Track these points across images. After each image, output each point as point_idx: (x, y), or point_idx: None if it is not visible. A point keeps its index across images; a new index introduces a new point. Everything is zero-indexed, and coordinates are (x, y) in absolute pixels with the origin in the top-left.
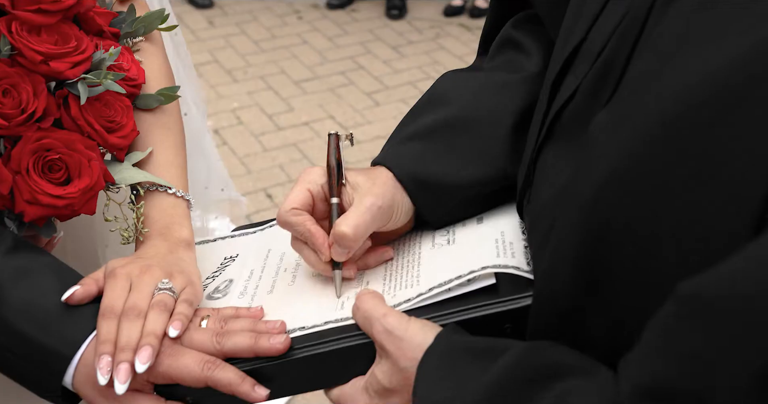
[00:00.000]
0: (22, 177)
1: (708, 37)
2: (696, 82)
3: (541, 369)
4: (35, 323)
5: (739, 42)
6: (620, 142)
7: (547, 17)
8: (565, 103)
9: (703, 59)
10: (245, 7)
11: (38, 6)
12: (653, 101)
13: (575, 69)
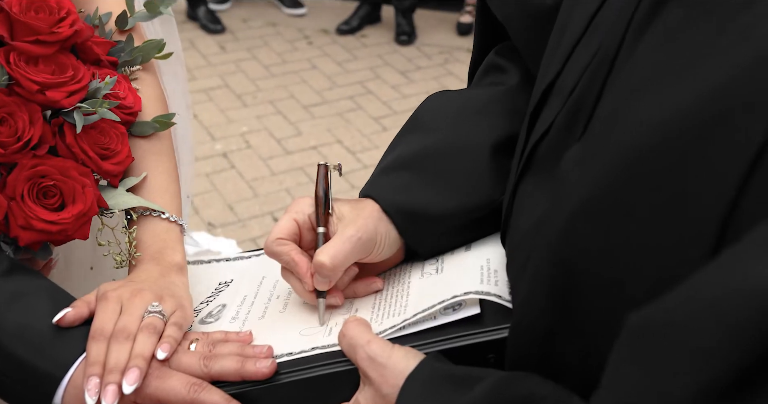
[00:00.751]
0: (17, 203)
1: (674, 72)
2: (662, 118)
3: (516, 399)
4: (28, 345)
5: (704, 78)
6: (590, 176)
7: (524, 50)
8: (541, 137)
9: (669, 96)
10: (256, 32)
11: (36, 37)
12: (622, 137)
13: (551, 104)
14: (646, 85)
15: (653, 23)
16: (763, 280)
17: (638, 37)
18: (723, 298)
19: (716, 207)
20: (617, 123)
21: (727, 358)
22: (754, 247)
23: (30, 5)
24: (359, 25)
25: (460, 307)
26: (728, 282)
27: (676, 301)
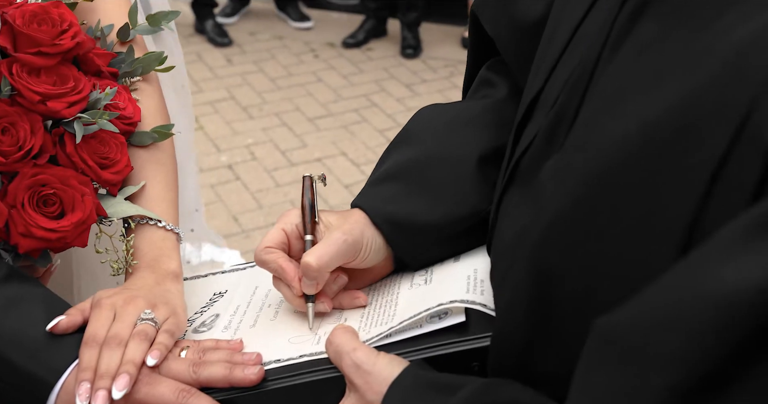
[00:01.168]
0: (18, 211)
1: (643, 85)
2: (629, 131)
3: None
4: (22, 351)
5: (670, 91)
6: (565, 188)
7: (513, 64)
8: (525, 149)
9: (636, 109)
10: (263, 45)
11: (38, 49)
12: (593, 149)
13: (536, 116)
14: (617, 97)
15: (629, 36)
16: (722, 285)
17: (615, 50)
18: (684, 303)
19: (681, 217)
20: (590, 135)
21: (690, 363)
22: (713, 252)
23: (33, 18)
24: (365, 38)
25: (445, 316)
26: (689, 286)
27: (641, 306)
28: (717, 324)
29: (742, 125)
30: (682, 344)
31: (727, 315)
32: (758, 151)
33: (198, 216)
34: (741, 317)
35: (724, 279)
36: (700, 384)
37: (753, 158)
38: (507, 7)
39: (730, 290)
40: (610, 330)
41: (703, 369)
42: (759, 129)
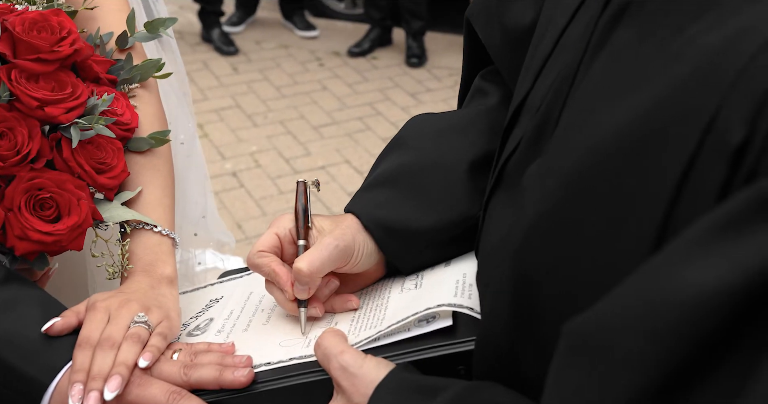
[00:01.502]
0: (14, 214)
1: (616, 92)
2: (602, 137)
3: None
4: (17, 352)
5: (640, 97)
6: (544, 192)
7: (504, 71)
8: (510, 154)
9: (609, 115)
10: (269, 54)
11: (37, 56)
12: (572, 153)
13: (521, 121)
14: (594, 103)
15: (608, 41)
16: (684, 287)
17: (594, 55)
18: (649, 305)
19: (652, 221)
20: (568, 140)
21: (654, 365)
22: (676, 253)
23: (33, 25)
24: (370, 47)
25: (433, 319)
26: (653, 288)
27: (609, 308)
28: (680, 325)
29: (708, 130)
30: (646, 346)
31: (689, 316)
32: (722, 154)
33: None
34: (702, 318)
35: (686, 281)
36: (664, 385)
37: (718, 161)
38: (498, 14)
39: (691, 292)
40: (580, 332)
41: (667, 369)
42: (723, 133)
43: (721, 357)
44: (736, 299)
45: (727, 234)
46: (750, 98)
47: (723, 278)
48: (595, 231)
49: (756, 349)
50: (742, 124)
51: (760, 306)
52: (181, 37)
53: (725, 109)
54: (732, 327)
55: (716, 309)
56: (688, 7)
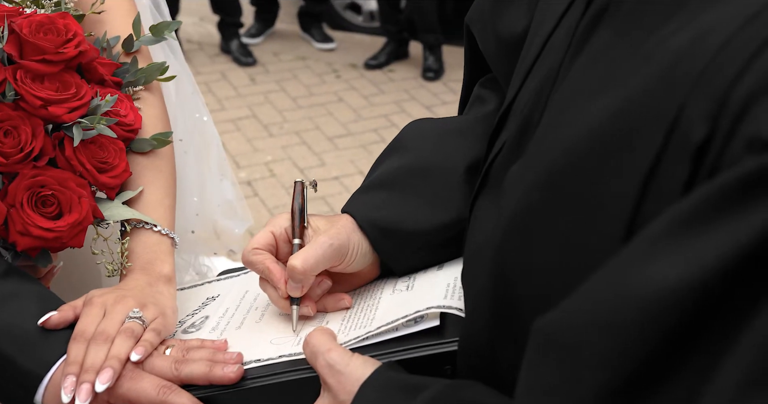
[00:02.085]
0: (17, 210)
1: (590, 93)
2: (574, 137)
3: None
4: (14, 344)
5: (611, 98)
6: (520, 193)
7: (500, 77)
8: (495, 156)
9: (582, 115)
10: (286, 65)
11: (43, 57)
12: (548, 152)
13: (508, 124)
14: (569, 104)
15: (587, 44)
16: (644, 284)
17: (573, 58)
18: (611, 302)
19: (620, 220)
20: (544, 141)
21: (617, 362)
22: (638, 250)
23: (40, 28)
24: (387, 60)
25: (422, 320)
26: (615, 285)
27: (575, 306)
28: (643, 321)
29: (672, 128)
30: (610, 343)
31: (652, 312)
32: (685, 152)
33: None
34: (664, 314)
35: (647, 278)
36: (628, 381)
37: (681, 159)
38: (492, 22)
39: (652, 288)
40: (548, 330)
41: (630, 367)
42: (686, 131)
43: (685, 352)
44: (695, 295)
45: (686, 230)
46: (710, 97)
47: (682, 274)
48: (567, 230)
49: (717, 343)
50: (703, 122)
51: (719, 300)
52: (200, 48)
53: (688, 108)
54: (694, 322)
55: (677, 304)
56: (660, 8)
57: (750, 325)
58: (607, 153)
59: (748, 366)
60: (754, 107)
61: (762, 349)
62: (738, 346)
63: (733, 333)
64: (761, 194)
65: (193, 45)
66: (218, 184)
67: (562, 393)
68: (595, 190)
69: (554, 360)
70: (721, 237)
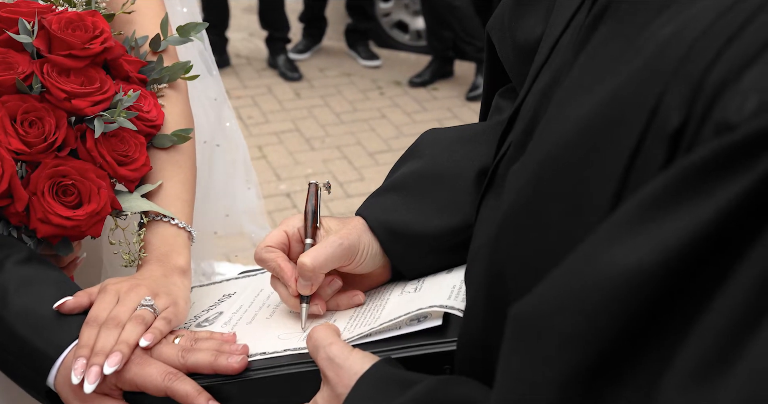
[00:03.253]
0: (38, 198)
1: (586, 87)
2: (568, 128)
3: (449, 402)
4: (30, 327)
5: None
6: (517, 188)
7: (518, 86)
8: (501, 157)
9: (578, 107)
10: (331, 81)
11: (69, 52)
12: (542, 147)
13: (516, 126)
14: (565, 101)
15: (587, 44)
16: (611, 266)
17: (576, 57)
18: (581, 285)
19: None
20: (541, 137)
21: (587, 343)
22: (606, 234)
23: (69, 24)
24: (431, 78)
25: (425, 319)
26: (585, 269)
27: (546, 291)
28: (609, 304)
29: (653, 116)
30: (577, 326)
31: (617, 295)
32: (663, 138)
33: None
34: (628, 296)
35: (613, 261)
36: (599, 362)
37: (659, 145)
38: (511, 29)
39: (616, 272)
40: (522, 315)
41: (599, 347)
42: (665, 118)
43: (649, 333)
44: (657, 277)
45: (649, 213)
46: (687, 84)
47: (644, 257)
48: (557, 223)
49: (678, 324)
50: (680, 108)
51: (681, 282)
52: (248, 62)
53: (667, 95)
54: (657, 303)
55: (640, 287)
56: (653, 5)
57: (708, 308)
58: (592, 143)
59: (705, 348)
60: (723, 94)
61: (719, 331)
62: (697, 328)
63: (693, 314)
64: (720, 176)
65: (241, 59)
66: (245, 191)
67: (533, 377)
68: (581, 181)
69: (526, 346)
70: (681, 220)
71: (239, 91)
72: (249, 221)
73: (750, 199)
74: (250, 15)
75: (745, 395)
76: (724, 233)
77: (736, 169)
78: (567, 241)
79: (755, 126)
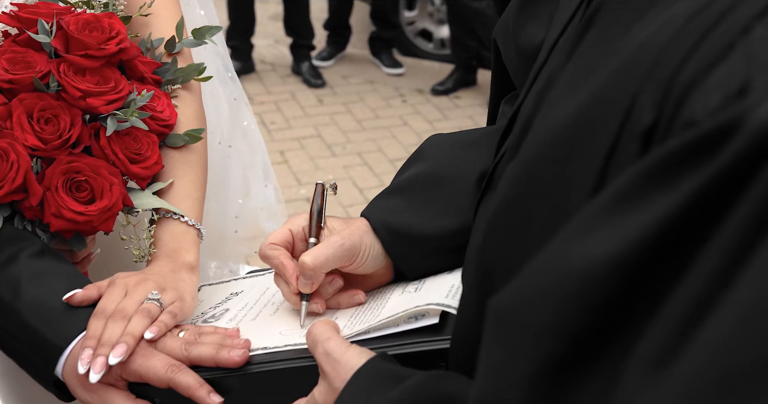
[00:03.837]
0: (52, 193)
1: (570, 89)
2: (551, 128)
3: (436, 398)
4: (41, 317)
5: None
6: (501, 191)
7: (521, 90)
8: (499, 160)
9: (562, 107)
10: (354, 88)
11: (86, 52)
12: (527, 146)
13: (513, 129)
14: (553, 102)
15: (579, 45)
16: (581, 258)
17: (569, 59)
18: (553, 277)
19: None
20: (527, 139)
21: (558, 335)
22: (577, 227)
23: (86, 25)
24: (454, 86)
25: (422, 317)
26: (557, 261)
27: (520, 283)
28: (577, 296)
29: (627, 116)
30: (549, 317)
31: (584, 287)
32: (636, 137)
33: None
34: (595, 288)
35: (581, 254)
36: (568, 353)
37: (632, 144)
38: (515, 35)
39: (585, 264)
40: (499, 308)
41: (569, 339)
42: (638, 117)
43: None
44: (621, 269)
45: (617, 207)
46: (659, 85)
47: (610, 249)
48: (541, 222)
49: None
50: (651, 108)
51: (643, 275)
52: (273, 68)
53: (640, 96)
54: (622, 296)
55: (606, 279)
56: (637, 7)
57: (669, 298)
58: (573, 143)
59: (664, 337)
60: (691, 93)
61: (676, 321)
62: (657, 318)
63: (655, 305)
64: (681, 170)
65: (266, 66)
66: (263, 189)
67: (508, 368)
68: (563, 179)
69: (503, 338)
70: (644, 213)
71: (263, 97)
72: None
73: (708, 192)
74: (276, 22)
75: (687, 386)
76: (684, 226)
77: (696, 164)
78: (549, 239)
79: (714, 122)
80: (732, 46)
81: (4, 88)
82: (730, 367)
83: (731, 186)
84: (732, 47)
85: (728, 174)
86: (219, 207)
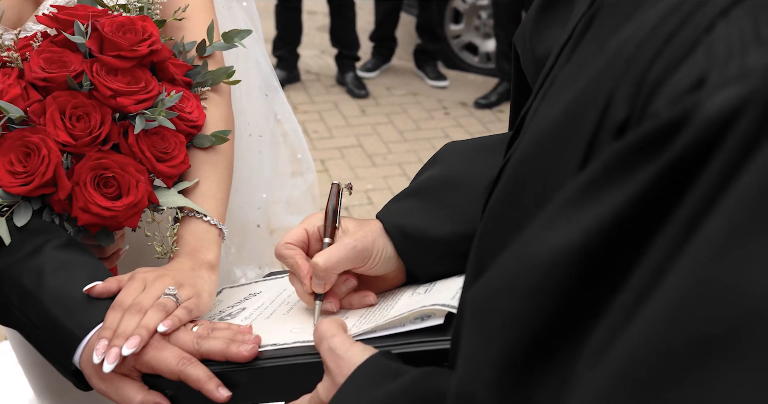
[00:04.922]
0: (80, 188)
1: (561, 89)
2: (540, 126)
3: (430, 392)
4: (62, 307)
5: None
6: (501, 184)
7: None
8: (507, 161)
9: (550, 107)
10: (397, 100)
11: (118, 53)
12: (520, 145)
13: (523, 131)
14: (549, 102)
15: (578, 47)
16: (544, 249)
17: (570, 59)
18: (521, 268)
19: None
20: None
21: (522, 324)
22: (543, 219)
23: (120, 27)
24: (497, 100)
25: (428, 318)
26: (524, 252)
27: (492, 273)
28: (542, 285)
29: (605, 112)
30: (516, 306)
31: (547, 278)
32: (610, 132)
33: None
34: (559, 277)
35: (546, 244)
36: (533, 341)
37: (608, 139)
38: (532, 42)
39: (547, 255)
40: (473, 299)
41: (534, 328)
42: (613, 114)
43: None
44: (580, 259)
45: (580, 198)
46: (633, 82)
47: (572, 239)
48: (527, 217)
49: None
50: (625, 104)
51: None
52: (317, 78)
53: (616, 92)
54: (582, 286)
55: (567, 268)
56: (626, 8)
57: (623, 288)
58: (556, 141)
59: (614, 326)
60: (659, 89)
61: (626, 306)
62: (611, 306)
63: (610, 295)
64: (638, 161)
65: (311, 75)
66: (289, 179)
67: (478, 358)
68: (548, 175)
69: (474, 327)
70: (603, 204)
71: (306, 106)
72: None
73: (661, 182)
74: (323, 33)
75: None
76: (639, 216)
77: (651, 155)
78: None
79: (668, 114)
80: (696, 43)
81: (40, 86)
82: (667, 345)
83: (683, 176)
84: (696, 44)
85: (680, 164)
86: (244, 199)
